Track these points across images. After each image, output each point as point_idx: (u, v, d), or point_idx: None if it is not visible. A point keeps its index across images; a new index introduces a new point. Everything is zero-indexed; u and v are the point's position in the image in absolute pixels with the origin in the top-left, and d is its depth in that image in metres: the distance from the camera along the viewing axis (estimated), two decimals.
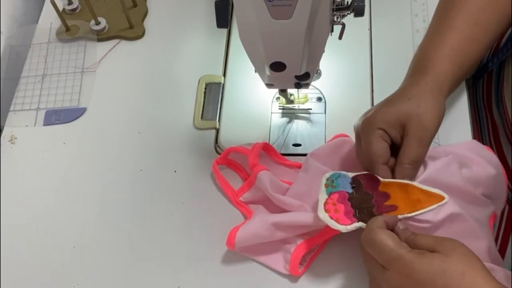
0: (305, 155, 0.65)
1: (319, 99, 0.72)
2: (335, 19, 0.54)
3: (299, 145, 0.69)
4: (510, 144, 0.73)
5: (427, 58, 0.60)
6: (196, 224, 0.65)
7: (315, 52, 0.55)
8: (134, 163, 0.71)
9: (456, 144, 0.62)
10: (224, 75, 0.76)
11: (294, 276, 0.60)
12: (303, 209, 0.59)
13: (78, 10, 0.84)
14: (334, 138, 0.65)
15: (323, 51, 0.56)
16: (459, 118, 0.68)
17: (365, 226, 0.52)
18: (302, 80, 0.59)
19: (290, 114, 0.71)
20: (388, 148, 0.56)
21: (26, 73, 0.80)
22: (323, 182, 0.57)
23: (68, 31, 0.82)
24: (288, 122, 0.71)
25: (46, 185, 0.71)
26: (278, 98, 0.72)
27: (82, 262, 0.65)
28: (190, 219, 0.66)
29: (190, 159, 0.70)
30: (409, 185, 0.54)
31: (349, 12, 0.54)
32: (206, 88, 0.75)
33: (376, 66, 0.73)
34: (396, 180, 0.55)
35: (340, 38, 0.57)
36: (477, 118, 0.82)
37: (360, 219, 0.53)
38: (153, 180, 0.69)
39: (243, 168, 0.68)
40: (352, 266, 0.60)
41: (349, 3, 0.54)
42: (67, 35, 0.82)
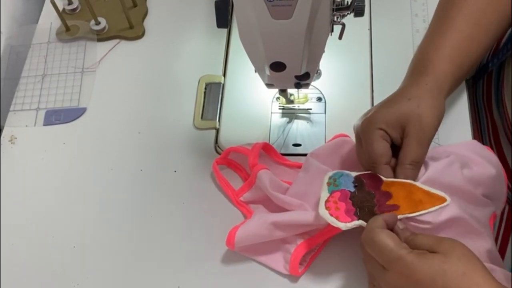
0: (305, 155, 0.65)
1: (319, 99, 0.72)
2: (335, 19, 0.54)
3: (299, 145, 0.69)
4: (510, 144, 0.73)
5: (427, 58, 0.60)
6: (196, 224, 0.65)
7: (315, 52, 0.55)
8: (134, 163, 0.71)
9: (456, 144, 0.62)
10: (224, 75, 0.76)
11: (294, 276, 0.60)
12: (303, 208, 0.58)
13: (78, 10, 0.84)
14: (334, 138, 0.65)
15: (323, 51, 0.56)
16: (459, 118, 0.68)
17: (365, 225, 0.52)
18: (302, 80, 0.59)
19: (290, 114, 0.71)
20: (389, 147, 0.56)
21: (26, 73, 0.80)
22: (325, 181, 0.57)
23: (68, 31, 0.82)
24: (288, 122, 0.71)
25: (46, 185, 0.71)
26: (278, 98, 0.72)
27: (82, 262, 0.65)
28: (190, 219, 0.66)
29: (190, 159, 0.70)
30: (411, 185, 0.54)
31: (349, 12, 0.54)
32: (206, 88, 0.75)
33: (376, 66, 0.73)
34: (399, 180, 0.55)
35: (340, 38, 0.57)
36: (477, 118, 0.82)
37: (360, 217, 0.53)
38: (153, 180, 0.69)
39: (243, 168, 0.68)
40: (352, 266, 0.60)
41: (349, 3, 0.54)
42: (67, 35, 0.82)
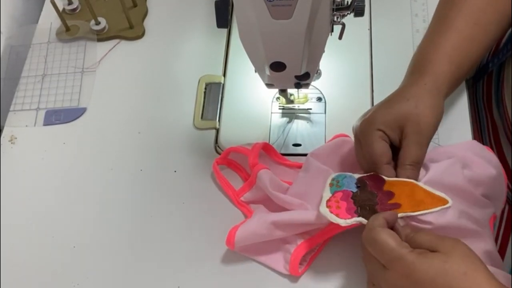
0: (305, 155, 0.65)
1: (319, 99, 0.72)
2: (335, 19, 0.54)
3: (299, 145, 0.69)
4: (510, 144, 0.73)
5: (426, 58, 0.60)
6: (196, 224, 0.65)
7: (315, 52, 0.55)
8: (134, 163, 0.71)
9: (456, 145, 0.62)
10: (224, 75, 0.76)
11: (294, 276, 0.60)
12: (303, 207, 0.58)
13: (78, 10, 0.84)
14: (334, 138, 0.65)
15: (323, 51, 0.56)
16: (459, 118, 0.68)
17: (365, 222, 0.52)
18: (302, 80, 0.59)
19: (290, 114, 0.71)
20: (389, 147, 0.56)
21: (26, 73, 0.80)
22: (328, 182, 0.57)
23: (68, 31, 0.82)
24: (288, 122, 0.71)
25: (46, 185, 0.70)
26: (278, 98, 0.72)
27: (82, 262, 0.65)
28: (190, 219, 0.66)
29: (190, 159, 0.70)
30: (414, 185, 0.54)
31: (349, 12, 0.54)
32: (206, 88, 0.75)
33: (376, 66, 0.73)
34: (402, 179, 0.54)
35: (340, 38, 0.57)
36: (477, 118, 0.81)
37: (361, 215, 0.53)
38: (153, 180, 0.69)
39: (243, 168, 0.68)
40: (352, 266, 0.60)
41: (349, 3, 0.54)
42: (67, 35, 0.82)
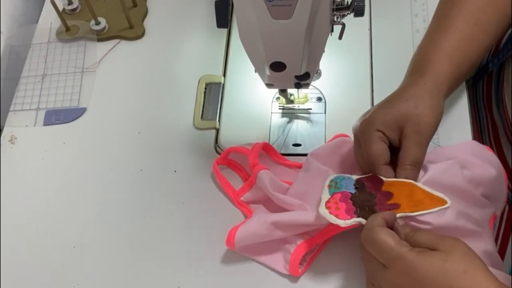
0: (305, 155, 0.65)
1: (319, 99, 0.72)
2: (335, 19, 0.54)
3: (299, 145, 0.69)
4: (510, 144, 0.73)
5: (426, 58, 0.60)
6: (196, 224, 0.65)
7: (315, 52, 0.55)
8: (134, 163, 0.71)
9: (455, 145, 0.62)
10: (224, 75, 0.76)
11: (294, 276, 0.60)
12: (303, 208, 0.58)
13: (78, 10, 0.84)
14: (334, 138, 0.65)
15: (323, 51, 0.56)
16: (459, 118, 0.68)
17: (364, 222, 0.52)
18: (302, 80, 0.59)
19: (290, 114, 0.71)
20: (387, 148, 0.56)
21: (26, 73, 0.80)
22: (326, 184, 0.57)
23: (68, 31, 0.82)
24: (288, 122, 0.71)
25: (46, 185, 0.70)
26: (278, 98, 0.72)
27: (82, 262, 0.65)
28: (190, 219, 0.66)
29: (190, 159, 0.70)
30: (413, 185, 0.54)
31: (349, 12, 0.54)
32: (206, 88, 0.75)
33: (376, 66, 0.73)
34: (400, 179, 0.55)
35: (340, 38, 0.57)
36: (477, 118, 0.81)
37: (360, 215, 0.53)
38: (153, 180, 0.69)
39: (243, 168, 0.68)
40: (352, 266, 0.60)
41: (349, 3, 0.54)
42: (67, 35, 0.82)
